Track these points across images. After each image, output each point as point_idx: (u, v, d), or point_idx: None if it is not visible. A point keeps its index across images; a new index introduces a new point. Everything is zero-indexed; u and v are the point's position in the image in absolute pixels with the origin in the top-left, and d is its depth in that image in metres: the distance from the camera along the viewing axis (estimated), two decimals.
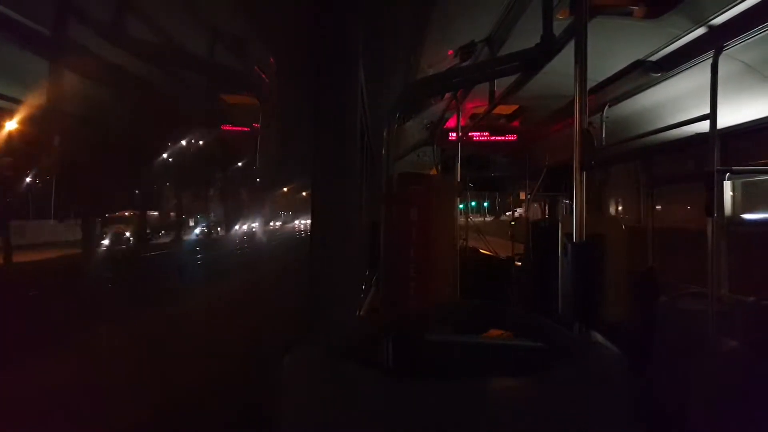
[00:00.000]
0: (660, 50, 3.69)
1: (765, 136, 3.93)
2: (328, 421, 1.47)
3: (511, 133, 7.22)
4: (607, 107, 4.71)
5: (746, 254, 4.11)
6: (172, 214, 35.33)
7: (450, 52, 4.12)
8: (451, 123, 6.51)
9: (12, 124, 17.54)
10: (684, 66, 3.67)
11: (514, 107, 6.54)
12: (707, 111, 3.13)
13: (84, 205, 20.75)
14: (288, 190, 61.74)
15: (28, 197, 21.21)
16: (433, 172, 7.65)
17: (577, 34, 2.05)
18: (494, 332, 2.25)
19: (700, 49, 3.35)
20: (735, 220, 4.42)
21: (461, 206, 7.05)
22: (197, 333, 7.54)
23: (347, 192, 2.11)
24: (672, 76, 3.90)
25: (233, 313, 9.09)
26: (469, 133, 6.70)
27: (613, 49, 3.73)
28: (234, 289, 11.87)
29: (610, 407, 1.48)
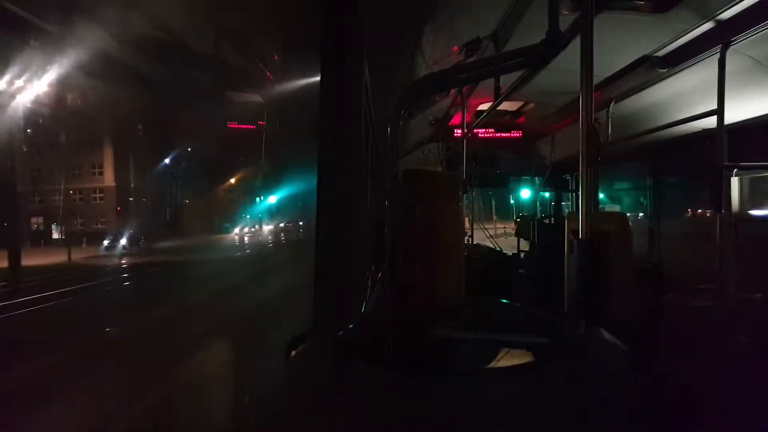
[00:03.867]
0: (666, 45, 3.67)
1: None
2: (332, 416, 1.48)
3: (517, 129, 7.20)
4: (613, 103, 4.68)
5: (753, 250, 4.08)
6: None
7: (455, 48, 4.11)
8: (456, 120, 6.49)
9: None
10: (691, 61, 3.64)
11: (520, 103, 6.52)
12: (714, 106, 3.11)
13: None
14: (237, 180, 47.94)
15: None
16: (438, 169, 7.63)
17: (583, 30, 2.04)
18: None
19: (707, 44, 3.33)
20: (743, 216, 4.39)
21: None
22: None
23: (352, 189, 2.11)
24: (679, 71, 3.87)
25: None
26: (474, 130, 6.68)
27: (619, 44, 3.71)
28: None
29: (615, 403, 1.48)
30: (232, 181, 47.31)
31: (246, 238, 43.52)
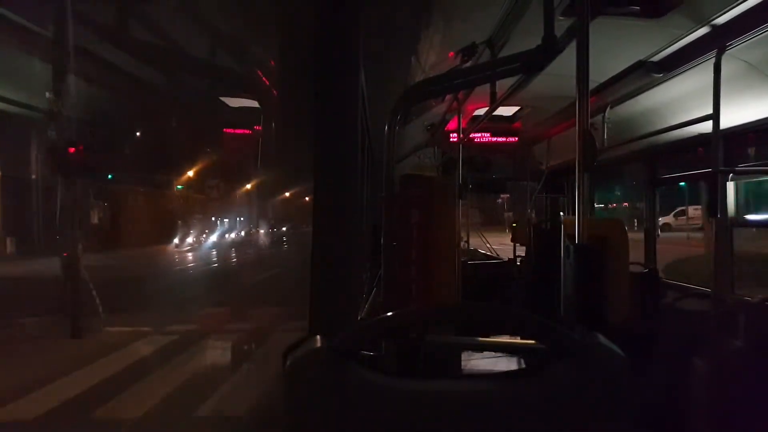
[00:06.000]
0: (662, 50, 3.68)
1: None
2: (329, 420, 1.47)
3: (513, 134, 7.22)
4: (608, 108, 4.69)
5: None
6: None
7: (451, 53, 4.11)
8: (452, 125, 6.50)
9: None
10: (686, 66, 3.65)
11: (516, 108, 6.53)
12: (710, 111, 3.12)
13: None
14: (196, 174, 37.13)
15: None
16: (434, 174, 7.64)
17: (579, 35, 2.04)
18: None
19: (703, 48, 3.34)
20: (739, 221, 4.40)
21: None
22: None
23: (348, 194, 2.11)
24: (674, 76, 3.88)
25: None
26: (470, 135, 6.70)
27: (614, 49, 3.71)
28: None
29: (611, 408, 1.47)
30: (191, 174, 37.11)
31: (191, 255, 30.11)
